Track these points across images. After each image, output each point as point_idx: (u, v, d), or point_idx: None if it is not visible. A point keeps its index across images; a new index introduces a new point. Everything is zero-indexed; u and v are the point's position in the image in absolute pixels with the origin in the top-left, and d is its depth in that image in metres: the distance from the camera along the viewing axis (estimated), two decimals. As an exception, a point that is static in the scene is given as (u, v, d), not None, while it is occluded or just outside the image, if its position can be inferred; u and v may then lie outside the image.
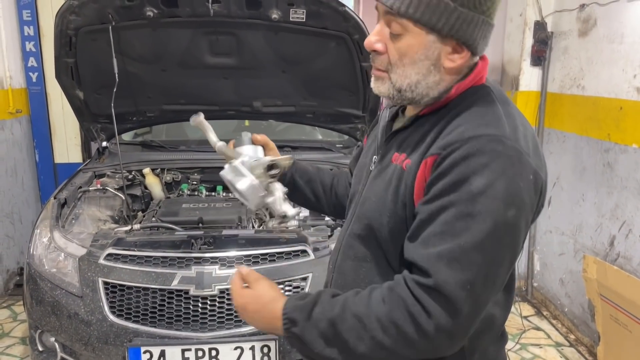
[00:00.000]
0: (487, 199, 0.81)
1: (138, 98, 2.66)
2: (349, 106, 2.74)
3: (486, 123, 0.87)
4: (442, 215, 0.83)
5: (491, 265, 0.83)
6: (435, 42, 0.89)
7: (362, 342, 0.84)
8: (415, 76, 0.91)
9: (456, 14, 0.86)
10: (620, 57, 2.50)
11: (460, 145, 0.84)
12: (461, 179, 0.82)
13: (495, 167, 0.82)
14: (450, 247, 0.81)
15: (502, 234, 0.83)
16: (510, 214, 0.82)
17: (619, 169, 2.52)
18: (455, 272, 0.80)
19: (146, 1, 2.13)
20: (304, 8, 2.17)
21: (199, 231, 2.11)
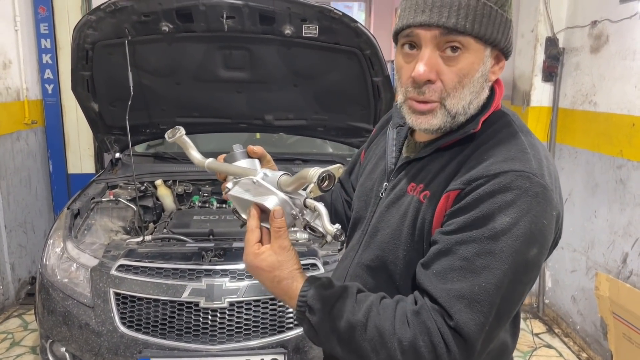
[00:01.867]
0: (510, 238, 0.79)
1: (152, 110, 2.70)
2: (360, 120, 2.75)
3: (512, 157, 0.84)
4: (462, 250, 0.81)
5: (508, 304, 0.82)
6: (489, 56, 0.86)
7: (377, 356, 0.82)
8: (469, 96, 0.87)
9: (508, 24, 0.85)
10: (633, 74, 2.49)
11: (486, 181, 0.82)
12: (486, 215, 0.80)
13: (521, 204, 0.80)
14: (471, 286, 0.80)
15: (522, 274, 0.81)
16: (532, 254, 0.81)
17: (632, 186, 2.50)
18: (475, 315, 0.79)
19: (162, 16, 2.17)
20: (316, 24, 2.20)
21: (210, 243, 2.12)
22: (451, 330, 0.79)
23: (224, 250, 2.02)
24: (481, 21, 0.82)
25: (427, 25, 0.83)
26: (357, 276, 1.01)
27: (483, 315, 0.79)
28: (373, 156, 1.12)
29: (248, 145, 1.07)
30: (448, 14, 0.81)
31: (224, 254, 2.00)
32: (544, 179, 0.83)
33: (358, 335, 0.83)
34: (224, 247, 2.04)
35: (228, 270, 1.92)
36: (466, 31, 0.82)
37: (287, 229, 0.88)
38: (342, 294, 0.86)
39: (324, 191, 0.85)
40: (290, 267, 0.87)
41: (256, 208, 0.89)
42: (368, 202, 1.05)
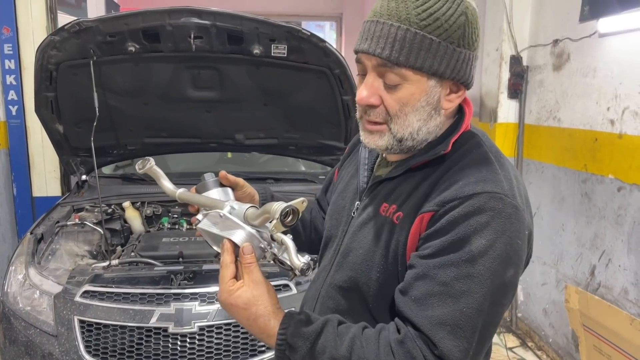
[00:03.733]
0: (487, 260, 0.80)
1: (119, 131, 2.65)
2: (331, 138, 2.76)
3: (484, 179, 0.84)
4: (440, 274, 0.81)
5: (489, 327, 0.83)
6: (435, 87, 0.87)
7: None
8: (417, 123, 0.88)
9: (456, 56, 0.85)
10: (593, 91, 2.58)
11: (460, 203, 0.82)
12: (462, 238, 0.80)
13: (495, 226, 0.81)
14: (452, 312, 0.79)
15: (501, 295, 0.83)
16: (509, 274, 0.82)
17: (597, 199, 2.57)
18: (459, 342, 0.79)
19: (128, 37, 2.14)
20: (285, 44, 2.21)
21: (179, 266, 2.07)
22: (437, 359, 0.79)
23: (194, 273, 1.98)
24: (418, 53, 0.83)
25: (367, 53, 0.86)
26: (329, 297, 1.00)
27: (467, 341, 0.79)
28: (345, 174, 1.12)
29: (220, 172, 1.06)
30: (384, 46, 0.83)
31: (194, 277, 1.96)
32: (516, 200, 0.84)
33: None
34: (194, 270, 2.00)
35: (198, 293, 1.87)
36: (400, 63, 0.83)
37: (257, 263, 0.86)
38: (322, 328, 0.84)
39: (287, 226, 0.83)
40: (266, 302, 0.85)
41: (230, 242, 0.87)
42: (340, 221, 1.04)
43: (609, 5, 2.43)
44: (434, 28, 0.82)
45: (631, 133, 2.31)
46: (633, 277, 2.31)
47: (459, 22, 0.84)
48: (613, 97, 2.43)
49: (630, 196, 2.32)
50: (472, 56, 0.87)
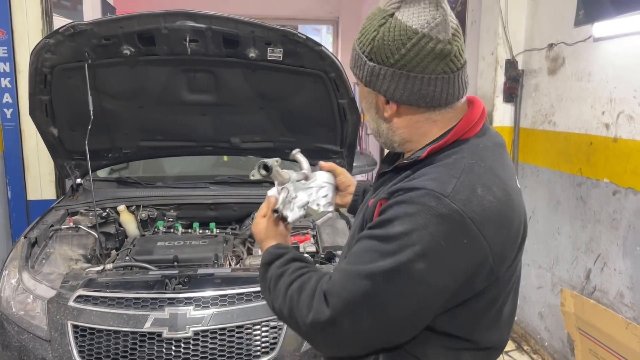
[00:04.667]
0: (398, 245, 0.87)
1: (114, 134, 2.64)
2: (326, 142, 2.75)
3: (435, 179, 0.90)
4: (363, 243, 0.94)
5: (378, 299, 0.89)
6: (370, 93, 1.00)
7: (276, 303, 1.03)
8: (372, 123, 1.05)
9: (367, 68, 0.95)
10: (588, 95, 2.58)
11: (402, 193, 0.91)
12: (387, 220, 0.90)
13: (419, 219, 0.86)
14: (352, 268, 0.92)
15: (399, 280, 0.88)
16: (417, 267, 0.86)
17: (592, 203, 2.57)
18: (342, 287, 0.92)
19: (123, 40, 2.13)
20: (281, 47, 2.21)
21: (174, 270, 2.07)
22: (322, 293, 0.94)
23: (189, 277, 1.97)
24: (352, 61, 1.00)
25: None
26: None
27: (350, 292, 0.90)
28: None
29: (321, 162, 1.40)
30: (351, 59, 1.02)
31: (189, 281, 1.95)
32: (459, 204, 0.87)
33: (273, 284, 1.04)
34: (189, 274, 1.99)
35: (192, 298, 1.86)
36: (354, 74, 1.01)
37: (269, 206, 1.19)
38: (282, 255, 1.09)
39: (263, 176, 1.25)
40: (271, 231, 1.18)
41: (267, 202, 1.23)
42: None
43: (604, 9, 2.44)
44: (358, 40, 0.97)
45: (626, 137, 2.31)
46: (628, 280, 2.31)
47: (370, 37, 0.94)
48: (608, 101, 2.43)
49: (626, 200, 2.32)
50: (389, 72, 0.93)
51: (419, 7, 0.91)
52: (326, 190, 1.35)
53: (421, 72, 0.92)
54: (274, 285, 1.04)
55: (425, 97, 0.94)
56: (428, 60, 0.91)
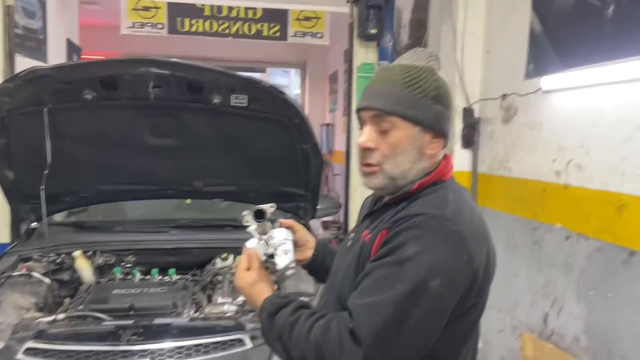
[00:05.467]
0: (413, 265, 0.96)
1: (73, 178, 2.59)
2: (291, 185, 2.77)
3: (432, 204, 1.05)
4: (376, 272, 1.00)
5: (405, 323, 0.96)
6: (419, 133, 1.09)
7: (296, 350, 1.04)
8: (407, 164, 1.10)
9: (432, 110, 1.09)
10: (540, 143, 2.71)
11: (406, 220, 1.02)
12: (398, 245, 0.99)
13: (427, 240, 0.99)
14: (374, 300, 0.97)
15: (420, 299, 0.96)
16: (433, 284, 0.96)
17: (547, 247, 2.65)
18: (369, 321, 0.96)
19: (85, 85, 2.13)
20: (245, 94, 2.24)
21: (129, 320, 2.00)
22: (351, 333, 0.97)
23: (144, 327, 1.91)
24: (404, 105, 1.08)
25: (366, 108, 1.12)
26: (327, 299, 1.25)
27: (375, 323, 0.95)
28: None
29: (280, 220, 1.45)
30: (379, 100, 1.09)
31: (144, 332, 1.88)
32: (457, 225, 1.01)
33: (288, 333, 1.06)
34: (144, 324, 1.92)
35: (148, 350, 1.80)
36: (390, 112, 1.08)
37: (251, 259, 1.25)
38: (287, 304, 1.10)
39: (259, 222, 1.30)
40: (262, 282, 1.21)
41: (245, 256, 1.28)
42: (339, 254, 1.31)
43: (552, 64, 2.59)
44: (415, 87, 1.08)
45: (575, 184, 2.42)
46: (583, 325, 2.37)
47: (433, 85, 1.10)
48: (558, 150, 2.55)
49: (578, 245, 2.41)
50: (446, 113, 1.12)
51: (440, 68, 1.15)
52: (287, 247, 1.36)
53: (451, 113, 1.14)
54: (288, 333, 1.06)
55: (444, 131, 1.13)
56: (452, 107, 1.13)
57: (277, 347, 1.09)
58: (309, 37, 6.14)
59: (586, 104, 2.37)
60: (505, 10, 3.10)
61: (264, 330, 1.12)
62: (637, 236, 2.06)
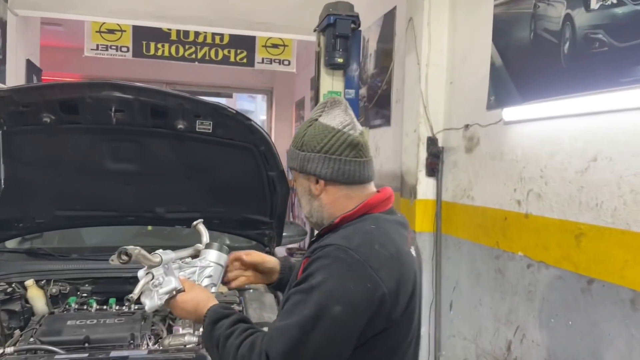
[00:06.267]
0: (318, 292, 1.09)
1: (27, 203, 2.48)
2: (256, 213, 2.73)
3: (343, 237, 1.18)
4: (292, 298, 1.14)
5: (308, 345, 1.07)
6: (302, 178, 1.30)
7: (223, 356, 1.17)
8: (307, 206, 1.30)
9: (300, 157, 1.27)
10: (501, 173, 2.78)
11: (319, 250, 1.16)
12: (309, 273, 1.13)
13: (332, 269, 1.11)
14: (285, 323, 1.10)
15: (324, 323, 1.07)
16: (336, 309, 1.08)
17: (509, 275, 2.69)
18: (279, 342, 1.09)
19: (43, 107, 2.06)
20: (210, 120, 2.21)
21: (84, 353, 1.90)
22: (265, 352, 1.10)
23: (99, 361, 1.82)
24: (290, 157, 1.32)
25: None
26: None
27: (283, 345, 1.08)
28: None
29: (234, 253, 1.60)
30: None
31: (99, 367, 1.80)
32: (362, 255, 1.12)
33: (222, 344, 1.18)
34: (100, 358, 1.83)
35: (102, 385, 1.71)
36: (289, 166, 1.34)
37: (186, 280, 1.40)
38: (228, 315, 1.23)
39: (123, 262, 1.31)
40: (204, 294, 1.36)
41: None
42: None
43: (512, 96, 2.68)
44: (292, 143, 1.31)
45: (536, 213, 2.48)
46: (546, 352, 2.40)
47: (301, 135, 1.29)
48: (519, 180, 2.62)
49: (539, 273, 2.45)
50: (316, 157, 1.25)
51: (334, 114, 1.27)
52: (211, 270, 1.44)
53: (339, 155, 1.24)
54: (222, 344, 1.17)
55: (343, 174, 1.24)
56: (344, 147, 1.24)
57: (214, 353, 1.21)
58: (276, 64, 6.18)
59: (545, 136, 2.46)
60: (467, 43, 3.21)
61: (205, 336, 1.24)
62: (595, 264, 2.12)
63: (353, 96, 3.94)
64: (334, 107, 1.29)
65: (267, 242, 2.88)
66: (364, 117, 4.94)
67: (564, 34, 2.36)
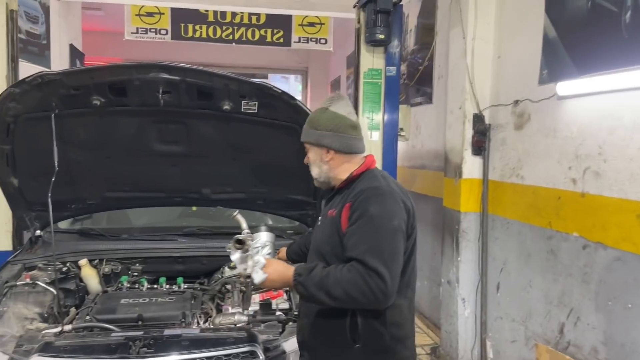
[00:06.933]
0: (378, 217, 1.54)
1: (78, 185, 2.54)
2: (300, 193, 2.72)
3: (370, 182, 1.64)
4: (361, 229, 1.53)
5: (391, 249, 1.52)
6: (315, 149, 1.72)
7: (337, 290, 1.49)
8: (317, 169, 1.74)
9: (316, 134, 1.70)
10: (555, 150, 2.66)
11: (361, 194, 1.59)
12: (365, 208, 1.55)
13: (379, 200, 1.57)
14: (368, 246, 1.50)
15: (390, 233, 1.54)
16: (394, 223, 1.55)
17: (563, 256, 2.60)
18: (374, 257, 1.48)
19: (93, 90, 2.08)
20: (255, 100, 2.20)
21: (139, 331, 1.94)
22: (368, 270, 1.47)
23: (154, 339, 1.84)
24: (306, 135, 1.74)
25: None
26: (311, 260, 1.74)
27: (379, 256, 1.48)
28: None
29: None
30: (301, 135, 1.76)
31: (154, 344, 1.82)
32: (389, 189, 1.61)
33: (325, 282, 1.50)
34: (154, 336, 1.86)
35: (159, 363, 1.74)
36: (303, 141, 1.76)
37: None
38: (315, 267, 1.56)
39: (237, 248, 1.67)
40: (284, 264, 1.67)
41: None
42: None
43: (567, 70, 2.55)
44: (308, 124, 1.74)
45: (593, 192, 2.37)
46: (602, 336, 2.31)
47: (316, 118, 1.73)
48: (574, 157, 2.50)
49: (596, 254, 2.35)
50: (328, 134, 1.68)
51: (340, 105, 1.72)
52: (268, 248, 1.74)
53: (344, 133, 1.69)
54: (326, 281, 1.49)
55: (348, 147, 1.70)
56: (347, 128, 1.70)
57: (318, 294, 1.50)
58: (312, 43, 6.10)
59: (604, 111, 2.33)
60: (517, 15, 3.06)
61: (305, 286, 1.52)
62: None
63: (394, 73, 3.83)
64: (339, 100, 1.75)
65: (310, 223, 2.86)
66: (405, 95, 4.83)
67: (625, 2, 2.22)
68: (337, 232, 1.60)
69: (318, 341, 1.68)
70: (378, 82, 3.82)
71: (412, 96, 4.76)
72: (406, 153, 4.75)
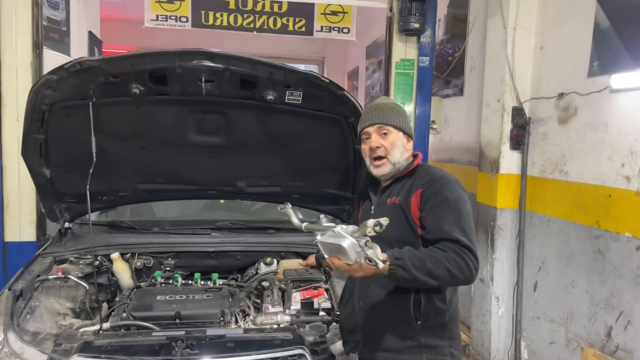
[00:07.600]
0: (456, 202, 1.63)
1: (111, 176, 2.46)
2: (337, 188, 2.62)
3: (438, 172, 1.74)
4: (444, 213, 1.61)
5: (472, 229, 1.62)
6: (402, 135, 1.77)
7: (438, 268, 1.51)
8: (399, 155, 1.76)
9: (405, 122, 1.80)
10: (605, 146, 2.54)
11: (435, 181, 1.68)
12: (441, 195, 1.64)
13: (451, 186, 1.67)
14: (457, 226, 1.58)
15: (468, 216, 1.63)
16: (467, 207, 1.65)
17: (612, 257, 2.49)
18: (464, 236, 1.56)
19: (133, 78, 1.99)
20: (300, 90, 2.09)
21: (180, 331, 1.86)
22: (463, 248, 1.55)
23: (197, 340, 1.77)
24: (393, 119, 1.77)
25: (372, 124, 1.77)
26: None
27: (468, 235, 1.58)
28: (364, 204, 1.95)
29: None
30: (381, 118, 1.77)
31: (198, 345, 1.75)
32: (454, 178, 1.71)
33: (424, 262, 1.50)
34: (197, 336, 1.78)
35: (205, 365, 1.66)
36: (389, 123, 1.76)
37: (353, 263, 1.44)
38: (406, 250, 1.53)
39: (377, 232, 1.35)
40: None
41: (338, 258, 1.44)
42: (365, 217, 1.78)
43: (622, 61, 2.43)
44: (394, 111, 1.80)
45: (650, 191, 2.26)
46: (658, 341, 2.21)
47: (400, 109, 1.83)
48: (628, 154, 2.39)
49: (651, 256, 2.24)
50: (407, 122, 1.81)
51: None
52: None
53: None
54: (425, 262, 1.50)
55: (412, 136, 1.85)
56: None
57: (419, 275, 1.49)
58: (335, 32, 5.95)
59: (664, 105, 2.21)
60: (564, 5, 2.93)
61: (406, 269, 1.48)
62: None
63: (427, 64, 3.71)
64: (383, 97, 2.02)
65: (346, 218, 2.76)
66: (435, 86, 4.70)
67: (689, -10, 2.09)
68: (406, 217, 1.66)
69: (377, 321, 1.71)
70: (410, 73, 3.71)
71: (441, 88, 4.63)
72: (433, 146, 4.62)
